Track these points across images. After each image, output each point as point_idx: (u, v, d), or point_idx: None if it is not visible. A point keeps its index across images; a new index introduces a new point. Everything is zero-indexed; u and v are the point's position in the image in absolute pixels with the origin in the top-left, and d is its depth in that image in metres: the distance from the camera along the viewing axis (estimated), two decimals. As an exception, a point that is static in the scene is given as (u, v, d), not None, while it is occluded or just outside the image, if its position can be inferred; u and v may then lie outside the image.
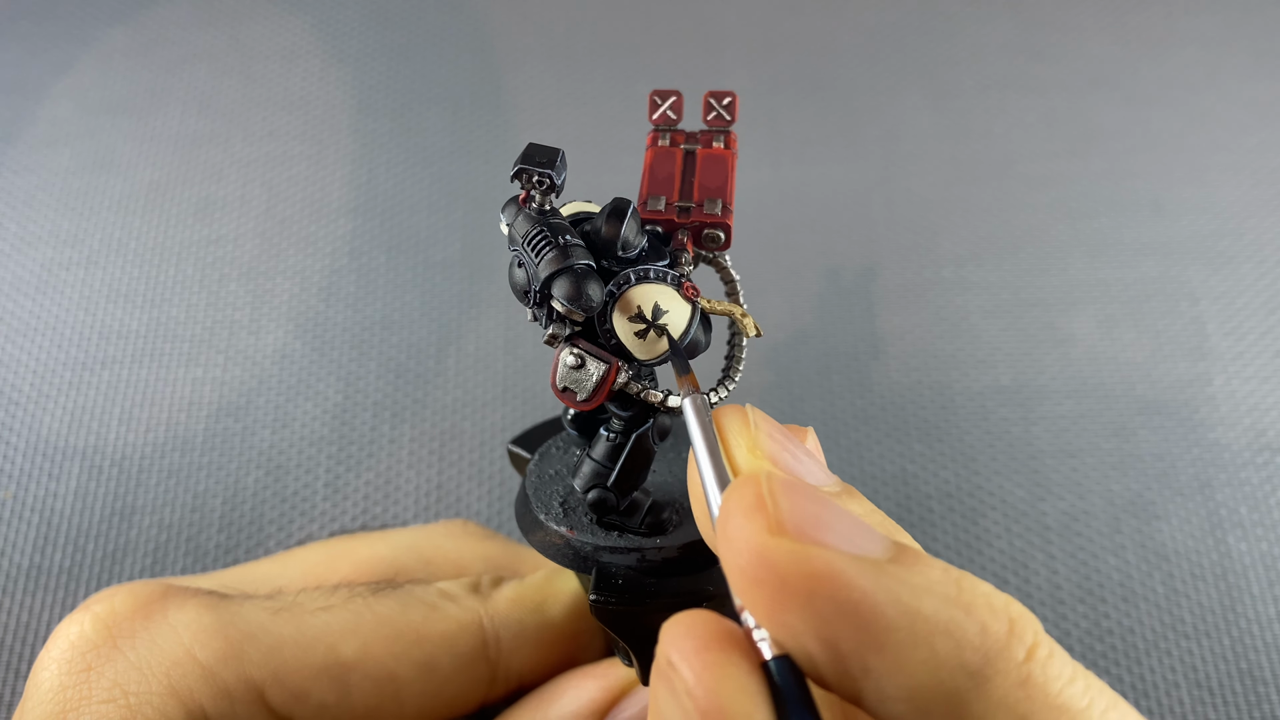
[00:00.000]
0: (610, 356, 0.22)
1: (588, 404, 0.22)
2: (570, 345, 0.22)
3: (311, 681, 0.25)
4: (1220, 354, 0.51)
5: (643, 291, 0.22)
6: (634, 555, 0.23)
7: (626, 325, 0.22)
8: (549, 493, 0.26)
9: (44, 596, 0.45)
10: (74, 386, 0.50)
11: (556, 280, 0.21)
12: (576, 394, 0.22)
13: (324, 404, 0.50)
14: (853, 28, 0.63)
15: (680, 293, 0.22)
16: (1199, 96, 0.60)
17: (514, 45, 0.63)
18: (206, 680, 0.24)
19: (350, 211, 0.56)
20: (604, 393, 0.22)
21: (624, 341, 0.22)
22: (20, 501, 0.47)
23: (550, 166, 0.22)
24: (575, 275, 0.21)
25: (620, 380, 0.22)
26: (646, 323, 0.22)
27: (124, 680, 0.23)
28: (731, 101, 0.25)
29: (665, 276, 0.22)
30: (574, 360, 0.22)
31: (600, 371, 0.22)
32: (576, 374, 0.22)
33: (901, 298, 0.53)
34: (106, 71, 0.61)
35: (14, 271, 0.54)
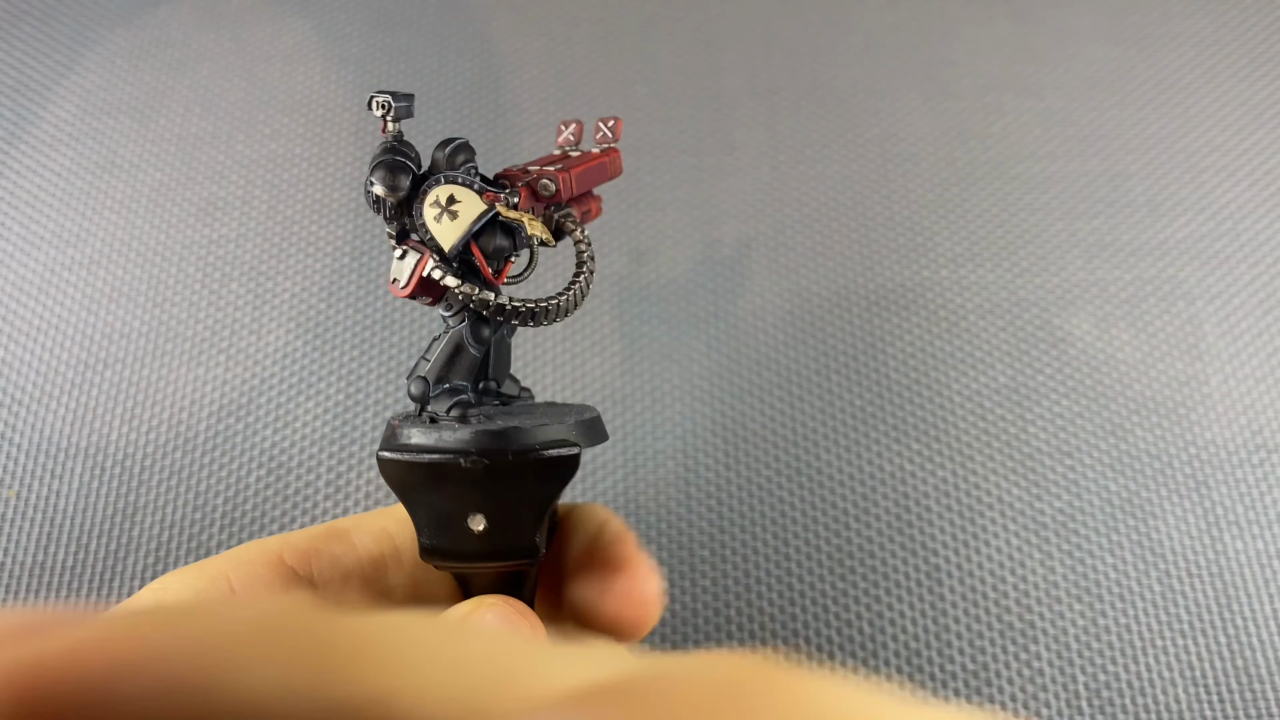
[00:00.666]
0: (423, 248, 0.27)
1: (406, 289, 0.26)
2: (400, 243, 0.27)
3: (318, 540, 0.30)
4: (1216, 354, 0.51)
5: (445, 188, 0.27)
6: (434, 436, 0.26)
7: (429, 211, 0.26)
8: (405, 414, 0.30)
9: (47, 595, 0.45)
10: (77, 386, 0.51)
11: (376, 169, 0.26)
12: (399, 282, 0.27)
13: (326, 403, 0.50)
14: (851, 29, 0.64)
15: (480, 196, 0.27)
16: (1195, 98, 0.60)
17: (514, 47, 0.63)
18: (235, 558, 0.29)
19: (352, 212, 0.56)
20: (416, 278, 0.26)
21: (430, 229, 0.26)
22: (24, 500, 0.47)
23: (393, 95, 0.27)
24: (390, 165, 0.26)
25: (429, 265, 0.26)
26: (440, 207, 0.26)
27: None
28: (616, 124, 0.30)
29: (471, 184, 0.27)
30: (400, 254, 0.27)
31: (414, 260, 0.26)
32: (401, 265, 0.27)
33: (900, 298, 0.53)
34: (110, 73, 0.61)
35: (18, 272, 0.54)
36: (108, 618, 0.13)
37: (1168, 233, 0.55)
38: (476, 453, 0.25)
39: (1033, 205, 0.57)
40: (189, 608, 0.14)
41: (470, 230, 0.26)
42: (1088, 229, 0.56)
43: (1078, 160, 0.58)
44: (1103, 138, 0.59)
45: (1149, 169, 0.58)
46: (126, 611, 0.26)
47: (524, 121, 0.60)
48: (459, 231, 0.26)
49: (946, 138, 0.59)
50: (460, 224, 0.26)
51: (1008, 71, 0.62)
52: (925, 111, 0.60)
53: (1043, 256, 0.55)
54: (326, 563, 0.30)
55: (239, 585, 0.28)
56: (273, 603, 0.13)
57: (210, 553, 0.46)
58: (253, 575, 0.29)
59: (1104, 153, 0.58)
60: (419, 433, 0.26)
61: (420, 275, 0.26)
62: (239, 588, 0.28)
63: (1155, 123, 0.59)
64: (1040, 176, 0.57)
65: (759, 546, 0.46)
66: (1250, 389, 0.51)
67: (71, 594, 0.45)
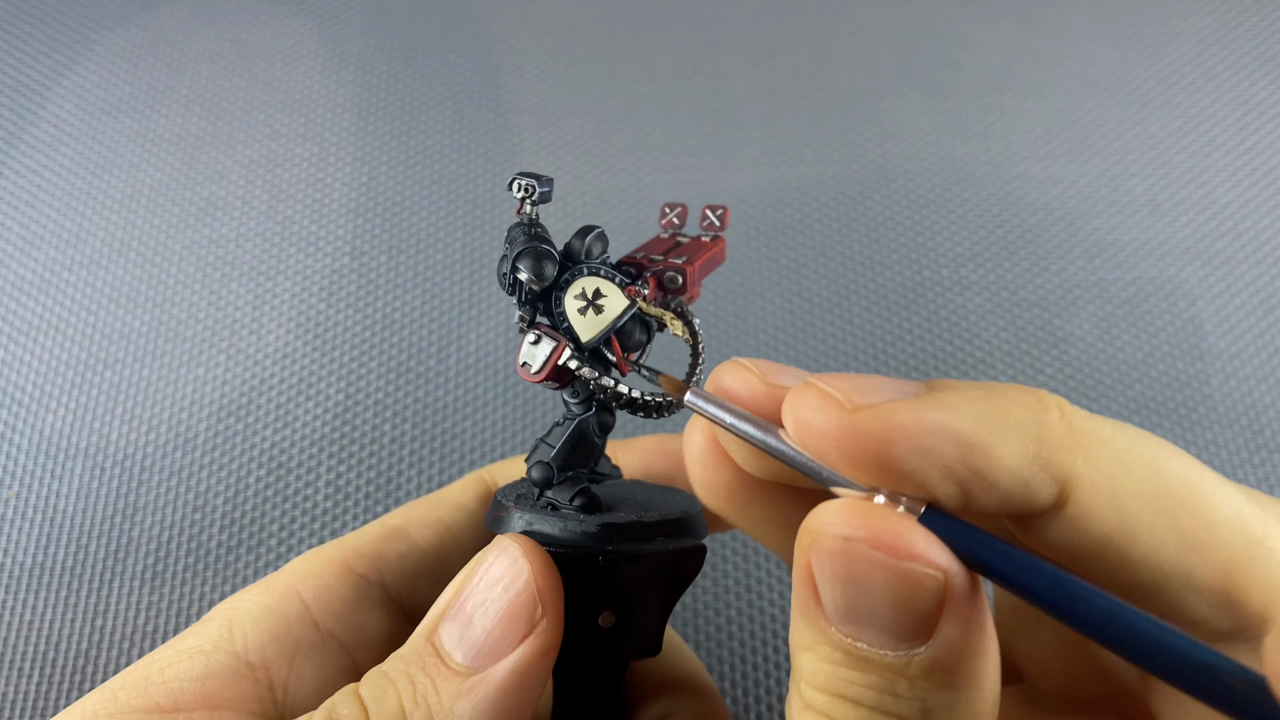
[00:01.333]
0: (560, 337, 0.27)
1: (539, 375, 0.26)
2: (534, 328, 0.27)
3: (380, 543, 0.31)
4: (1217, 354, 0.51)
5: (590, 280, 0.27)
6: (558, 525, 0.27)
7: (572, 303, 0.27)
8: (512, 489, 0.30)
9: (47, 595, 0.45)
10: (77, 386, 0.51)
11: (522, 256, 0.26)
12: (531, 367, 0.27)
13: (326, 404, 0.50)
14: (852, 28, 0.64)
15: (622, 291, 0.27)
16: (1196, 97, 0.60)
17: (514, 46, 0.63)
18: (301, 572, 0.30)
19: (352, 212, 0.56)
20: (551, 365, 0.26)
21: (570, 319, 0.27)
22: (23, 501, 0.47)
23: (537, 179, 0.27)
24: (536, 253, 0.26)
25: (565, 355, 0.26)
26: (587, 300, 0.27)
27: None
28: (724, 213, 0.30)
29: (613, 276, 0.27)
30: (534, 338, 0.27)
31: (551, 347, 0.26)
32: (534, 350, 0.27)
33: (900, 298, 0.53)
34: (109, 72, 0.61)
35: (17, 272, 0.54)
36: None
37: (1169, 232, 0.55)
38: (614, 550, 0.26)
39: (1033, 205, 0.56)
40: None
41: (613, 326, 0.27)
42: (1088, 229, 0.56)
43: (1078, 160, 0.58)
44: (1103, 137, 0.59)
45: (1150, 169, 0.58)
46: (203, 620, 0.27)
47: (524, 121, 0.60)
48: (601, 326, 0.27)
49: (947, 137, 0.59)
50: (604, 319, 0.27)
51: (1008, 71, 0.61)
52: (926, 111, 0.60)
53: (1044, 256, 0.55)
54: (393, 564, 0.31)
55: (311, 600, 0.29)
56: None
57: (210, 553, 0.46)
58: (323, 588, 0.29)
59: (1104, 152, 0.58)
60: (542, 521, 0.26)
61: (555, 364, 0.26)
62: (312, 603, 0.29)
63: (1156, 122, 0.59)
64: (1041, 176, 0.57)
65: (759, 547, 0.46)
66: (1251, 389, 0.50)
67: (71, 594, 0.45)
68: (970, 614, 0.18)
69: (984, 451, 0.18)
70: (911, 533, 0.18)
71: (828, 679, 0.19)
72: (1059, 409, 0.19)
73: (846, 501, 0.19)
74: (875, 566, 0.18)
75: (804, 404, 0.20)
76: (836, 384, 0.19)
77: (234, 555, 0.46)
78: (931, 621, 0.18)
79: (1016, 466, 0.18)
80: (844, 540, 0.18)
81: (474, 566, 0.25)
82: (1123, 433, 0.19)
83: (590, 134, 0.59)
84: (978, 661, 0.19)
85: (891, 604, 0.18)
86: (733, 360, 0.24)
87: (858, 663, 0.19)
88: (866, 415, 0.19)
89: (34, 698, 0.42)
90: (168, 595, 0.45)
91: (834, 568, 0.19)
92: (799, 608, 0.20)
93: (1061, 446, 0.19)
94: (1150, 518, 0.19)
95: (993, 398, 0.19)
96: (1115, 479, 0.19)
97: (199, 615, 0.44)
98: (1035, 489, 0.19)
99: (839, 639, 0.19)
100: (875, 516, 0.18)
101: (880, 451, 0.18)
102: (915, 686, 0.18)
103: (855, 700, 0.19)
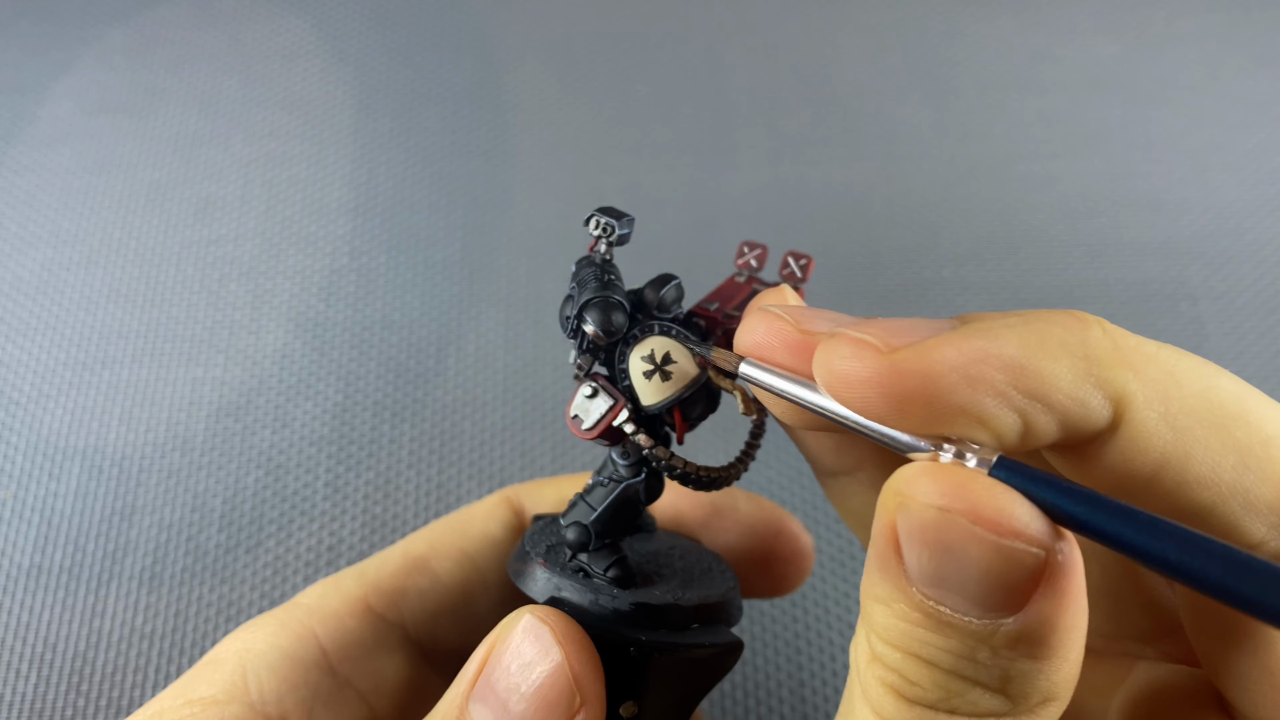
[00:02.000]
0: (619, 395, 0.24)
1: (590, 433, 0.24)
2: (591, 379, 0.25)
3: (401, 578, 0.29)
4: (1220, 354, 0.51)
5: (660, 341, 0.25)
6: (589, 596, 0.25)
7: (638, 364, 0.24)
8: (542, 537, 0.28)
9: (44, 596, 0.45)
10: (74, 386, 0.50)
11: (590, 306, 0.24)
12: (583, 422, 0.25)
13: (324, 404, 0.50)
14: (853, 28, 0.63)
15: (694, 359, 0.24)
16: (1198, 96, 0.60)
17: (514, 45, 0.63)
18: (319, 610, 0.29)
19: (350, 211, 0.56)
20: (605, 425, 0.24)
21: (633, 380, 0.24)
22: (21, 501, 0.47)
23: (617, 219, 0.25)
24: (607, 304, 0.24)
25: (621, 417, 0.24)
26: (655, 365, 0.24)
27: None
28: (807, 263, 0.28)
29: (684, 339, 0.25)
30: (589, 390, 0.25)
31: (607, 405, 0.24)
32: (588, 403, 0.25)
33: (902, 297, 0.53)
34: (107, 71, 0.61)
35: (14, 271, 0.54)
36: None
37: (1171, 232, 0.55)
38: (647, 641, 0.24)
39: (1035, 204, 0.56)
40: None
41: (679, 396, 0.24)
42: (1090, 228, 0.55)
43: (1080, 159, 0.58)
44: (1105, 136, 0.59)
45: (1152, 168, 0.57)
46: (213, 661, 0.26)
47: (524, 120, 0.60)
48: (667, 394, 0.24)
49: (948, 136, 0.59)
50: (670, 386, 0.24)
51: (1010, 70, 0.61)
52: (927, 110, 0.60)
53: (1045, 256, 0.54)
54: (414, 602, 0.29)
55: (329, 644, 0.28)
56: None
57: (208, 554, 0.45)
58: (341, 630, 0.28)
59: (1106, 151, 0.58)
60: (573, 589, 0.25)
61: (609, 424, 0.24)
62: (330, 647, 0.28)
63: (1158, 121, 0.59)
64: (1043, 175, 0.57)
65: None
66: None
67: (69, 595, 0.44)
68: (1067, 588, 0.17)
69: (1035, 373, 0.17)
70: (1013, 505, 0.17)
71: (902, 636, 0.18)
72: (1100, 327, 0.18)
73: (935, 466, 0.18)
74: (972, 540, 0.17)
75: (837, 354, 0.19)
76: (869, 329, 0.19)
77: (232, 556, 0.45)
78: (1025, 595, 0.17)
79: (1070, 385, 0.18)
80: (939, 511, 0.17)
81: (504, 635, 0.24)
82: (1167, 350, 0.19)
83: (590, 133, 0.59)
84: (1068, 634, 0.18)
85: (984, 577, 0.17)
86: (761, 309, 0.22)
87: (937, 625, 0.18)
88: (906, 354, 0.18)
89: (31, 698, 0.42)
90: (165, 596, 0.44)
91: (924, 535, 0.18)
92: (877, 563, 0.19)
93: (1111, 362, 0.18)
94: (1205, 434, 0.18)
95: (1031, 322, 0.18)
96: (1169, 394, 0.18)
97: (197, 616, 0.44)
98: (1092, 408, 0.18)
99: (919, 600, 0.18)
100: (974, 486, 0.17)
101: (928, 389, 0.18)
102: (998, 655, 0.18)
103: (930, 661, 0.18)
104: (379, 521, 0.46)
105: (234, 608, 0.44)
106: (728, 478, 0.25)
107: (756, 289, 0.28)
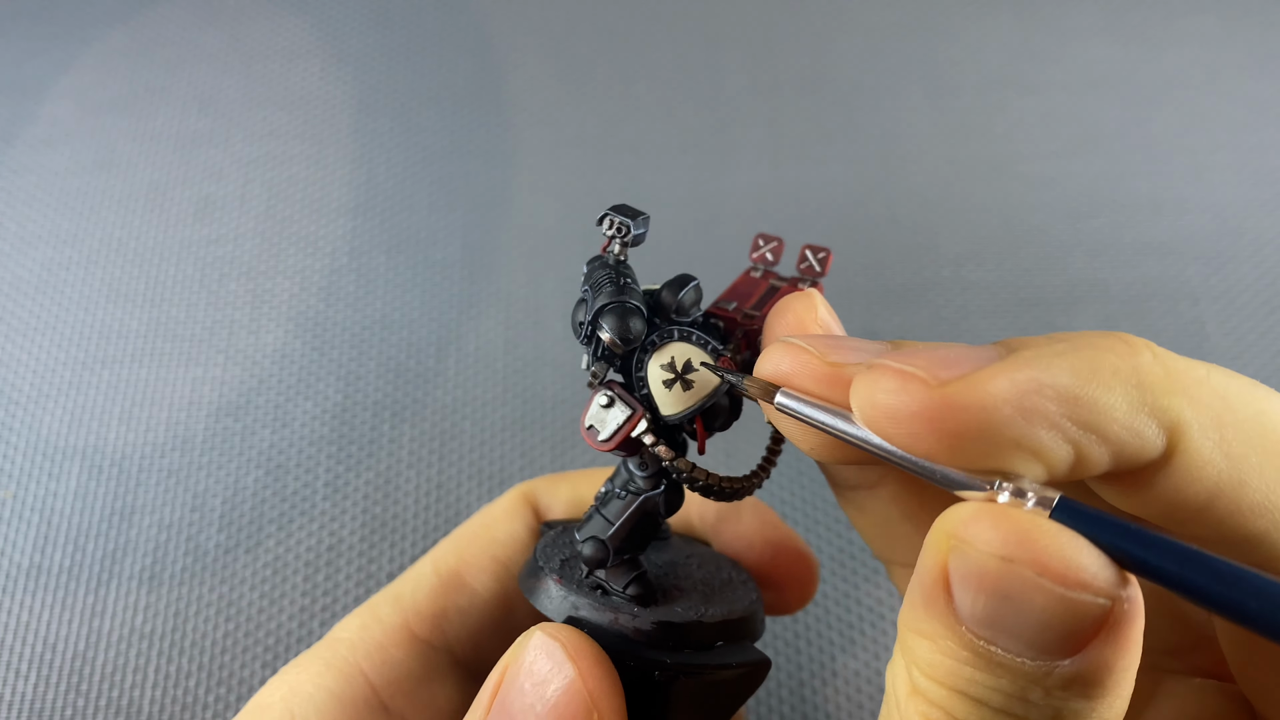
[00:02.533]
0: (637, 404, 0.23)
1: (607, 444, 0.23)
2: (606, 387, 0.24)
3: (440, 598, 0.29)
4: (1220, 353, 0.51)
5: (681, 347, 0.23)
6: (608, 616, 0.24)
7: (658, 372, 0.23)
8: (555, 550, 0.27)
9: (44, 596, 0.44)
10: (74, 386, 0.50)
11: (606, 312, 0.23)
12: (599, 433, 0.23)
13: (324, 404, 0.50)
14: (852, 26, 0.63)
15: (715, 361, 0.23)
16: (1198, 96, 0.60)
17: (514, 45, 0.63)
18: (363, 645, 0.28)
19: (350, 211, 0.56)
20: (622, 436, 0.23)
21: (652, 389, 0.23)
22: (20, 501, 0.47)
23: (631, 218, 0.23)
24: (623, 310, 0.23)
25: (640, 428, 0.23)
26: (675, 374, 0.23)
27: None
28: (825, 256, 0.27)
29: (705, 344, 0.23)
30: (605, 400, 0.23)
31: (625, 415, 0.23)
32: (603, 413, 0.23)
33: (902, 297, 0.53)
34: (106, 70, 0.61)
35: (14, 271, 0.54)
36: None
37: (1171, 232, 0.55)
38: (672, 664, 0.23)
39: (1035, 204, 0.56)
40: None
41: (702, 405, 0.23)
42: (1091, 228, 0.55)
43: (1080, 158, 0.58)
44: (1106, 136, 0.59)
45: (1152, 167, 0.57)
46: (259, 707, 0.26)
47: (523, 120, 0.60)
48: (689, 403, 0.23)
49: (948, 136, 0.59)
50: (693, 395, 0.23)
51: (1010, 69, 0.61)
52: (927, 109, 0.60)
53: (1046, 256, 0.54)
54: (456, 622, 0.29)
55: (378, 679, 0.27)
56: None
57: (207, 554, 0.45)
58: (389, 664, 0.27)
59: (1107, 151, 0.58)
60: (591, 609, 0.24)
61: (627, 435, 0.23)
62: (380, 684, 0.27)
63: (1158, 121, 0.59)
64: (1043, 175, 0.57)
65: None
66: (1254, 389, 0.50)
67: (68, 595, 0.44)
68: (1130, 632, 0.17)
69: (1090, 403, 0.17)
70: (1079, 554, 0.16)
71: (949, 674, 0.18)
72: (1150, 351, 0.18)
73: (993, 509, 0.17)
74: (1036, 591, 0.16)
75: (881, 388, 0.18)
76: (914, 360, 0.18)
77: (232, 556, 0.45)
78: (1086, 640, 0.17)
79: (1125, 416, 0.17)
80: (1001, 561, 0.17)
81: (517, 656, 0.23)
82: (1218, 373, 0.18)
83: (590, 133, 0.59)
84: (1124, 674, 0.17)
85: (1045, 625, 0.16)
86: (782, 341, 0.21)
87: (988, 665, 0.17)
88: (958, 388, 0.17)
89: (30, 699, 0.42)
90: (165, 596, 0.44)
91: (982, 583, 0.17)
92: (923, 600, 0.18)
93: (1164, 389, 0.17)
94: (1261, 460, 0.18)
95: (1080, 349, 0.17)
96: (1222, 420, 0.18)
97: (197, 616, 0.44)
98: (1147, 438, 0.17)
99: (969, 640, 0.17)
100: (1037, 534, 0.16)
101: (982, 423, 0.17)
102: (1051, 696, 0.17)
103: (979, 700, 0.18)
104: (379, 521, 0.46)
105: (234, 608, 0.44)
106: (750, 487, 0.24)
107: (774, 284, 0.26)
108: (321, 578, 0.45)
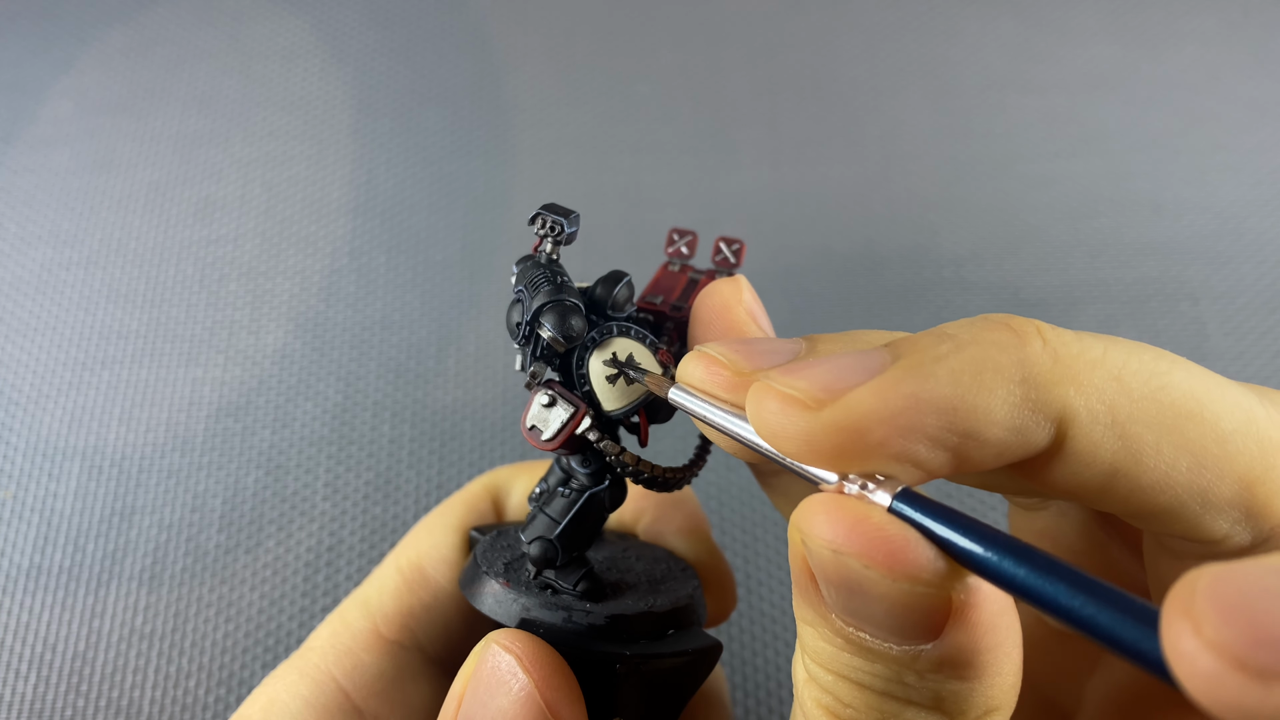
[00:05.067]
0: (579, 402, 0.23)
1: (551, 443, 0.23)
2: (546, 387, 0.24)
3: (404, 597, 0.29)
4: (1221, 353, 0.51)
5: (622, 343, 0.24)
6: (561, 614, 0.24)
7: (600, 369, 0.24)
8: (496, 553, 0.27)
9: (44, 596, 0.44)
10: (74, 386, 0.50)
11: (546, 310, 0.23)
12: (542, 433, 0.23)
13: (324, 404, 0.50)
14: (853, 27, 0.63)
15: (655, 356, 0.24)
16: (1199, 97, 0.60)
17: (514, 45, 0.63)
18: (333, 650, 0.29)
19: (350, 211, 0.56)
20: (567, 434, 0.23)
21: (594, 385, 0.24)
22: (20, 501, 0.47)
23: (564, 217, 0.23)
24: (564, 308, 0.23)
25: (584, 425, 0.23)
26: (618, 367, 0.23)
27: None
28: (740, 248, 0.27)
29: (644, 338, 0.24)
30: (546, 399, 0.23)
31: (568, 413, 0.23)
32: (545, 413, 0.23)
33: (902, 298, 0.53)
34: (106, 71, 0.61)
35: (13, 271, 0.54)
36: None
37: (1171, 232, 0.55)
38: (632, 655, 0.23)
39: (1035, 204, 0.56)
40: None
41: (646, 399, 0.24)
42: (1091, 228, 0.55)
43: (1081, 159, 0.58)
44: (1106, 136, 0.58)
45: (1152, 167, 0.57)
46: (242, 717, 0.26)
47: (523, 120, 0.60)
48: (632, 399, 0.24)
49: (949, 136, 0.59)
50: (635, 391, 0.24)
51: (1010, 69, 0.61)
52: (927, 109, 0.60)
53: (1046, 256, 0.54)
54: (423, 619, 0.29)
55: (349, 684, 0.27)
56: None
57: (207, 554, 0.45)
58: (359, 667, 0.28)
59: (1107, 151, 0.58)
60: (542, 609, 0.24)
61: (572, 433, 0.23)
62: (351, 688, 0.27)
63: (1158, 121, 0.59)
64: (1043, 175, 0.57)
65: (760, 548, 0.46)
66: (1254, 389, 0.50)
67: (68, 595, 0.44)
68: (979, 618, 0.17)
69: (968, 411, 0.17)
70: (907, 546, 0.16)
71: (831, 660, 0.18)
72: (1039, 337, 0.18)
73: (833, 500, 0.17)
74: (869, 581, 0.17)
75: (765, 409, 0.18)
76: (796, 380, 0.18)
77: (232, 557, 0.45)
78: (937, 626, 0.17)
79: (1005, 417, 0.17)
80: (834, 553, 0.17)
81: (475, 669, 0.23)
82: (1116, 349, 0.18)
83: (590, 133, 0.59)
84: (992, 654, 0.17)
85: (890, 612, 0.17)
86: (697, 351, 0.21)
87: (861, 651, 0.18)
88: (834, 412, 0.17)
89: (30, 699, 0.42)
90: (165, 596, 0.44)
91: (825, 574, 0.17)
92: (798, 590, 0.19)
93: (1050, 381, 0.17)
94: (1156, 439, 0.18)
95: (963, 347, 0.17)
96: (1114, 404, 0.18)
97: (196, 616, 0.44)
98: (1030, 434, 0.17)
99: (840, 627, 0.18)
100: (867, 527, 0.17)
101: (859, 444, 0.17)
102: (925, 679, 0.17)
103: (862, 685, 0.18)
104: (379, 522, 0.46)
105: (234, 608, 0.44)
106: (689, 476, 0.25)
107: (693, 277, 0.27)
108: (321, 578, 0.45)
